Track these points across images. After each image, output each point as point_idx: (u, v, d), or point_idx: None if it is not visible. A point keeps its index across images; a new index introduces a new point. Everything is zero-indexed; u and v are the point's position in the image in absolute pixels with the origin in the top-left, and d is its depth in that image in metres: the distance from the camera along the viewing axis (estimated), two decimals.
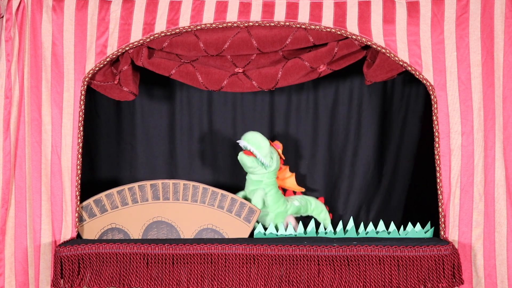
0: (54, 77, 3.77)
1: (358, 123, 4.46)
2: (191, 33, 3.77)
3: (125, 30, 3.76)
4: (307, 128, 4.48)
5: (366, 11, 3.70)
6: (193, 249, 3.62)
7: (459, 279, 3.56)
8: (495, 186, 3.67)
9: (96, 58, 3.77)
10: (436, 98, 3.69)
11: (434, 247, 3.56)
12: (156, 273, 3.62)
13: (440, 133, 3.70)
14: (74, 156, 3.77)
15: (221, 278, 3.59)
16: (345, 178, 4.44)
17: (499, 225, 3.67)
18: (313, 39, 3.75)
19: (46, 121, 3.77)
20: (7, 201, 3.70)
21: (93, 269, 3.64)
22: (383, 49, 3.69)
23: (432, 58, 3.68)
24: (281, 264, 3.59)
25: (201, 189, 3.85)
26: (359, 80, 4.38)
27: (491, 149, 3.67)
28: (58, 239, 3.77)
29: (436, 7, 3.69)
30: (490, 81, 3.67)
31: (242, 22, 3.74)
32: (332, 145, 4.48)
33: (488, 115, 3.67)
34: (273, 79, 3.82)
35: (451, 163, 3.68)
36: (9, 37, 3.70)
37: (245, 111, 4.50)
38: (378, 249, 3.56)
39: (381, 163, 4.47)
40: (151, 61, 3.83)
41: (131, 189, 3.86)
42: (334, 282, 3.56)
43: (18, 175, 3.73)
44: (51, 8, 3.76)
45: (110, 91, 3.94)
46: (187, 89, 4.41)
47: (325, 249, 3.58)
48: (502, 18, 3.65)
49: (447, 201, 3.69)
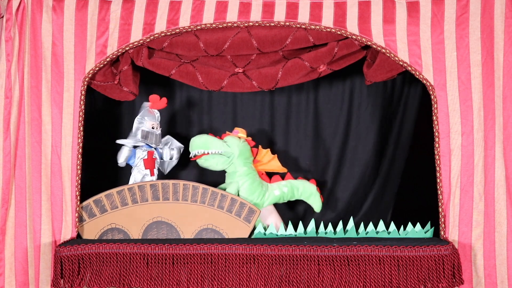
0: (54, 77, 3.77)
1: (358, 123, 4.47)
2: (191, 33, 3.77)
3: (125, 30, 3.76)
4: (307, 128, 4.49)
5: (366, 11, 3.70)
6: (193, 249, 3.62)
7: (459, 279, 3.56)
8: (495, 186, 3.67)
9: (96, 58, 3.77)
10: (436, 98, 3.69)
11: (434, 247, 3.56)
12: (156, 273, 3.62)
13: (440, 133, 3.70)
14: (74, 156, 3.77)
15: (221, 278, 3.59)
16: (344, 178, 4.45)
17: (499, 225, 3.67)
18: (313, 39, 3.75)
19: (46, 121, 3.77)
20: (7, 201, 3.70)
21: (93, 269, 3.64)
22: (383, 49, 3.69)
23: (432, 58, 3.68)
24: (281, 264, 3.59)
25: (201, 189, 3.85)
26: (359, 80, 4.38)
27: (491, 149, 3.67)
28: (58, 239, 3.77)
29: (436, 7, 3.69)
30: (490, 81, 3.67)
31: (242, 22, 3.74)
32: (332, 145, 4.48)
33: (488, 115, 3.67)
34: (273, 79, 3.82)
35: (451, 163, 3.69)
36: (9, 37, 3.70)
37: (245, 111, 4.50)
38: (378, 249, 3.56)
39: (381, 163, 4.47)
40: (151, 61, 3.83)
41: (130, 189, 3.86)
42: (334, 282, 3.56)
43: (18, 175, 3.73)
44: (51, 8, 3.76)
45: (110, 91, 3.95)
46: (187, 89, 4.42)
47: (325, 249, 3.58)
48: (502, 18, 3.65)
49: (447, 201, 3.69)
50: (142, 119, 4.03)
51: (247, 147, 4.10)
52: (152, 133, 4.03)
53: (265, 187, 4.07)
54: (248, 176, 4.03)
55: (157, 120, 4.06)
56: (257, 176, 4.09)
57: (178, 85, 4.43)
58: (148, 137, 4.03)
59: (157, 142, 4.06)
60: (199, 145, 4.04)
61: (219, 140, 4.04)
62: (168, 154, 4.14)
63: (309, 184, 4.12)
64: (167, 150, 4.15)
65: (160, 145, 4.12)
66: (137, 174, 4.01)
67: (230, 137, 4.07)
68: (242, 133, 4.13)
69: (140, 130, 4.02)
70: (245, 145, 4.09)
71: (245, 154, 4.06)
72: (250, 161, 4.10)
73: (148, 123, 4.03)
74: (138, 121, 4.04)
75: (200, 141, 4.04)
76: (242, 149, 4.05)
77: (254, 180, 4.04)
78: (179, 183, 3.85)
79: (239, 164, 4.04)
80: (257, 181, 4.05)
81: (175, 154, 4.16)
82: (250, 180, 4.02)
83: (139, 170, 4.01)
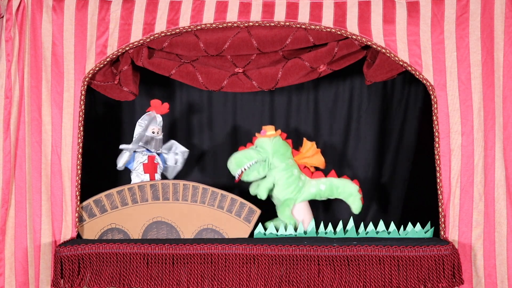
0: (54, 77, 3.77)
1: (358, 123, 4.47)
2: (191, 33, 3.77)
3: (125, 30, 3.76)
4: (307, 128, 4.49)
5: (366, 11, 3.70)
6: (193, 249, 3.62)
7: (459, 279, 3.56)
8: (495, 186, 3.67)
9: (96, 58, 3.77)
10: (436, 98, 3.69)
11: (434, 247, 3.55)
12: (156, 273, 3.62)
13: (440, 133, 3.70)
14: (74, 156, 3.77)
15: (221, 278, 3.59)
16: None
17: (499, 225, 3.67)
18: (313, 39, 3.75)
19: (46, 121, 3.77)
20: (7, 201, 3.70)
21: (93, 269, 3.64)
22: (383, 49, 3.69)
23: (432, 58, 3.68)
24: (281, 264, 3.59)
25: (201, 189, 3.85)
26: (359, 80, 4.38)
27: (491, 149, 3.67)
28: (58, 239, 3.77)
29: (436, 7, 3.69)
30: (490, 81, 3.67)
31: (242, 22, 3.74)
32: (332, 145, 4.48)
33: (488, 115, 3.67)
34: (273, 79, 3.82)
35: (451, 163, 3.69)
36: (9, 37, 3.70)
37: (245, 111, 4.50)
38: (378, 249, 3.56)
39: (381, 163, 4.47)
40: (151, 61, 3.83)
41: (130, 189, 3.86)
42: (334, 282, 3.56)
43: (18, 175, 3.73)
44: (51, 8, 3.76)
45: (110, 91, 3.95)
46: (187, 89, 4.41)
47: (325, 249, 3.58)
48: (502, 18, 3.65)
49: (447, 201, 3.69)
50: (143, 123, 4.01)
51: (280, 142, 4.00)
52: (152, 138, 4.02)
53: (302, 182, 3.99)
54: (285, 171, 3.95)
55: (158, 125, 4.04)
56: (296, 170, 3.99)
57: (178, 85, 4.43)
58: (149, 142, 4.01)
59: (157, 147, 4.03)
60: (234, 168, 3.97)
61: (248, 151, 3.98)
62: (172, 159, 4.09)
63: (350, 184, 4.00)
64: (172, 155, 4.10)
65: (164, 151, 4.07)
66: (135, 178, 3.99)
67: (260, 139, 4.00)
68: (271, 130, 4.02)
69: (139, 135, 4.00)
70: (278, 140, 4.00)
71: (280, 150, 3.98)
72: (287, 156, 4.00)
73: (149, 128, 4.02)
74: (139, 125, 4.02)
75: (232, 164, 3.97)
76: (275, 147, 3.97)
77: (291, 175, 3.96)
78: (179, 183, 3.85)
79: (277, 161, 3.96)
80: (294, 176, 3.97)
81: (179, 159, 4.10)
82: (286, 175, 3.95)
83: (137, 174, 4.00)
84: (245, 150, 4.00)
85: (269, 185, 3.95)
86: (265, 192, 3.95)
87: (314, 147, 4.05)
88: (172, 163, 4.10)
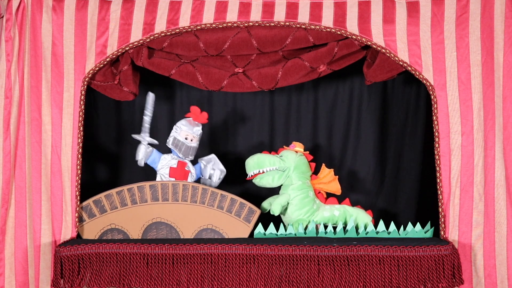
0: (54, 77, 3.77)
1: (358, 123, 4.47)
2: (191, 33, 3.77)
3: (125, 30, 3.76)
4: (307, 128, 4.49)
5: (366, 11, 3.70)
6: (193, 249, 3.62)
7: (459, 279, 3.56)
8: (495, 186, 3.67)
9: (96, 58, 3.77)
10: (436, 98, 3.69)
11: (434, 247, 3.55)
12: (156, 273, 3.62)
13: (440, 133, 3.70)
14: (74, 156, 3.77)
15: (221, 278, 3.59)
16: (345, 178, 4.44)
17: (499, 225, 3.67)
18: (313, 39, 3.75)
19: (46, 121, 3.77)
20: (7, 201, 3.70)
21: (93, 269, 3.64)
22: (383, 49, 3.69)
23: (432, 58, 3.68)
24: (281, 264, 3.59)
25: (200, 190, 3.85)
26: (359, 80, 4.38)
27: (491, 149, 3.67)
28: (58, 239, 3.77)
29: (436, 7, 3.69)
30: (490, 81, 3.67)
31: (242, 22, 3.74)
32: (332, 145, 4.49)
33: (488, 115, 3.67)
34: (273, 79, 3.82)
35: (451, 163, 3.69)
36: (9, 37, 3.70)
37: (245, 111, 4.50)
38: (378, 249, 3.56)
39: (380, 163, 4.47)
40: (151, 61, 3.83)
41: (130, 190, 3.85)
42: (334, 282, 3.55)
43: (18, 175, 3.73)
44: (51, 8, 3.76)
45: (110, 91, 3.95)
46: (187, 89, 4.42)
47: (325, 249, 3.58)
48: (502, 18, 3.65)
49: (447, 201, 3.69)
50: (179, 127, 3.99)
51: (304, 161, 4.03)
52: (183, 143, 3.97)
53: (316, 206, 3.98)
54: (301, 190, 3.96)
55: (194, 133, 3.98)
56: (312, 192, 4.00)
57: (178, 85, 4.43)
58: (178, 146, 3.98)
59: (186, 154, 3.98)
60: (252, 166, 3.96)
61: (272, 156, 3.97)
62: (207, 173, 4.06)
63: (364, 214, 3.98)
64: (209, 168, 4.06)
65: (203, 162, 4.03)
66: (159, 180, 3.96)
67: (286, 151, 4.01)
68: (300, 147, 4.06)
69: (172, 138, 3.97)
70: (302, 159, 4.02)
71: (301, 168, 3.99)
72: (306, 176, 4.02)
73: (183, 132, 3.98)
74: (174, 128, 3.99)
75: (253, 161, 3.96)
76: (298, 163, 3.98)
77: (307, 196, 3.96)
78: (179, 184, 3.85)
79: (295, 177, 3.96)
80: (309, 198, 3.97)
81: (214, 174, 4.05)
82: (302, 195, 3.95)
83: (161, 176, 3.97)
84: (269, 154, 4.00)
85: (284, 203, 3.93)
86: (278, 209, 3.89)
87: (331, 173, 4.06)
88: (206, 176, 4.06)
